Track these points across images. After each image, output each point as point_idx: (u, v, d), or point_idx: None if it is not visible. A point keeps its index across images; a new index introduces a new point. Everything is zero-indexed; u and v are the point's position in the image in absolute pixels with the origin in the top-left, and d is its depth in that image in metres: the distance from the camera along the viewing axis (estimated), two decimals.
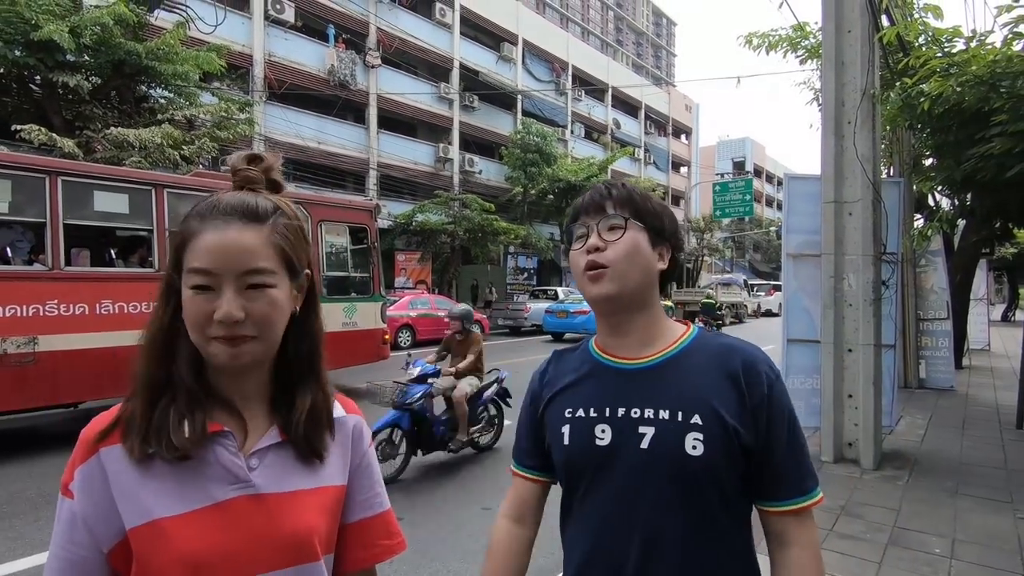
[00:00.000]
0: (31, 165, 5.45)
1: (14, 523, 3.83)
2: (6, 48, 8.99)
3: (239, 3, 16.98)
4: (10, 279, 5.25)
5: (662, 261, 0.98)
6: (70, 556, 0.70)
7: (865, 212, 4.66)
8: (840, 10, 4.71)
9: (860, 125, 4.61)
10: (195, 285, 0.70)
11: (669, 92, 39.74)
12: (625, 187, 0.99)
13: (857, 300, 4.73)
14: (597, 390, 0.96)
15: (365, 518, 0.86)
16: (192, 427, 0.71)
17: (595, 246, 0.93)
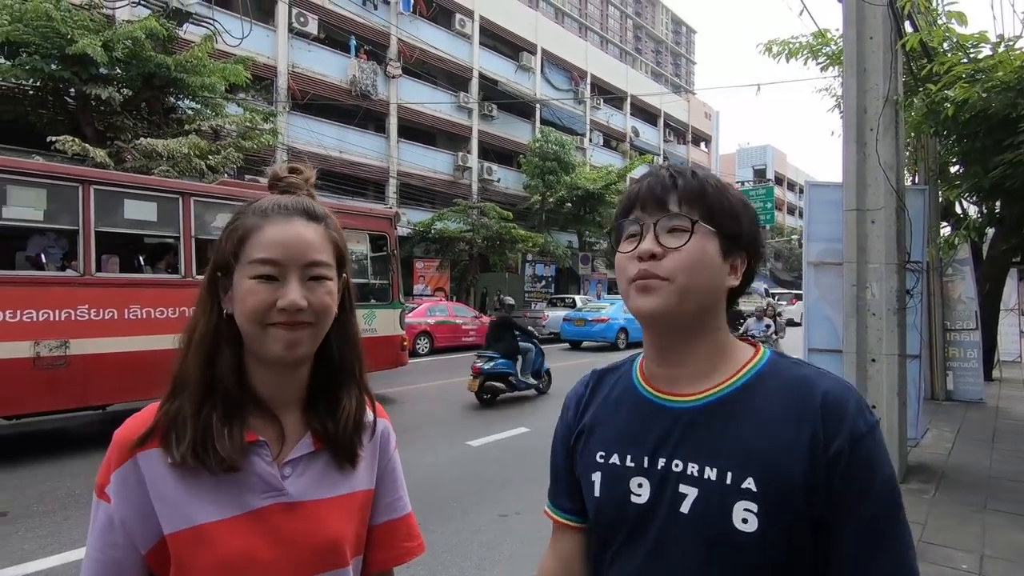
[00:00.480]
0: (65, 174, 5.64)
1: (44, 521, 3.94)
2: (43, 62, 9.34)
3: (264, 16, 17.39)
4: (44, 284, 5.43)
5: (734, 275, 0.77)
6: (108, 558, 0.71)
7: (888, 220, 4.59)
8: (862, 17, 4.67)
9: (883, 132, 4.56)
10: (260, 275, 0.73)
11: (688, 100, 39.56)
12: (696, 176, 0.77)
13: (880, 309, 4.66)
14: (636, 432, 0.79)
15: (390, 520, 0.88)
16: (233, 442, 0.73)
17: (650, 252, 0.74)
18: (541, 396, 8.69)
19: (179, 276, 6.23)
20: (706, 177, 0.78)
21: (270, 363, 0.77)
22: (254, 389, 0.78)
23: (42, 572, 3.26)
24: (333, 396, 0.83)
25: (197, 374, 0.75)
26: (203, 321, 0.76)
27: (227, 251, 0.75)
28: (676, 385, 0.78)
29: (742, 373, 0.76)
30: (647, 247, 0.74)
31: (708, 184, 0.77)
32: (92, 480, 0.77)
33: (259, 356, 0.76)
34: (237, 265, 0.75)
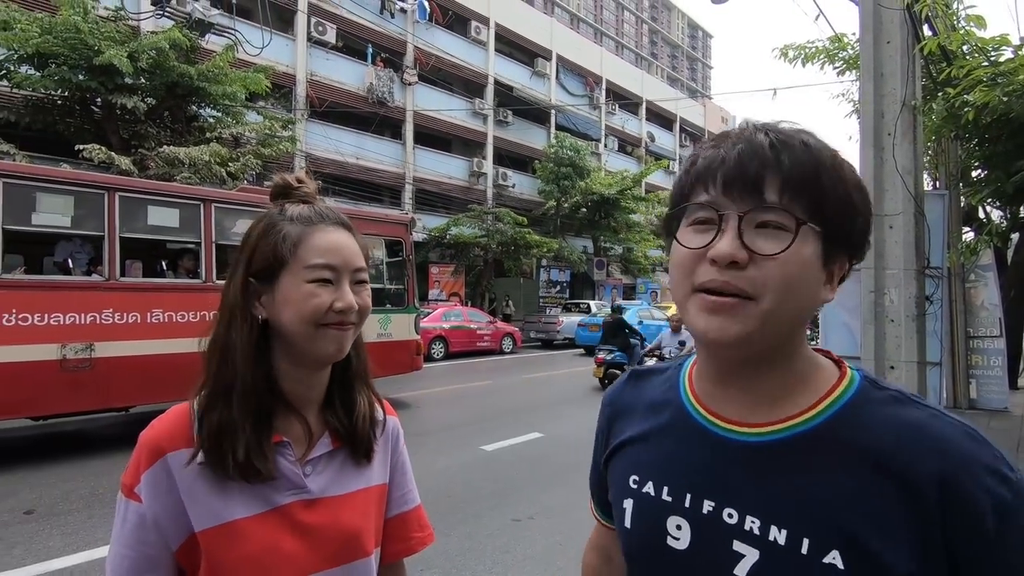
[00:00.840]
0: (92, 182, 5.80)
1: (69, 519, 4.04)
2: (71, 73, 9.61)
3: (284, 26, 17.70)
4: (71, 289, 5.58)
5: (831, 287, 0.59)
6: (139, 555, 0.74)
7: (907, 225, 4.54)
8: (878, 21, 4.64)
9: (900, 137, 4.52)
10: (319, 279, 0.77)
11: (704, 104, 39.37)
12: (808, 149, 0.56)
13: (899, 316, 4.60)
14: (677, 457, 0.65)
15: (401, 513, 0.92)
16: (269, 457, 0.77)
17: (730, 257, 0.54)
18: (555, 402, 8.69)
19: (200, 281, 6.36)
20: (821, 151, 0.56)
21: (312, 362, 0.81)
22: (282, 391, 0.81)
23: (67, 569, 3.34)
24: (348, 396, 0.87)
25: (245, 381, 0.77)
26: (243, 328, 0.78)
27: (275, 256, 0.78)
28: (737, 411, 0.62)
29: (826, 404, 0.58)
30: (727, 249, 0.54)
31: (824, 163, 0.55)
32: (114, 480, 0.80)
33: (307, 356, 0.79)
34: (286, 270, 0.78)
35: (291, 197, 0.85)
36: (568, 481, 4.93)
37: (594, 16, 64.57)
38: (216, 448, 0.75)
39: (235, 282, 0.80)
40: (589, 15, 63.36)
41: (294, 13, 17.98)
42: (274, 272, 0.78)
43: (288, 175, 0.88)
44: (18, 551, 3.54)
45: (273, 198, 0.86)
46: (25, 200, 5.35)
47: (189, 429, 0.77)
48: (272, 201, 0.86)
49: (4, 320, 5.07)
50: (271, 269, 0.78)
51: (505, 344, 16.40)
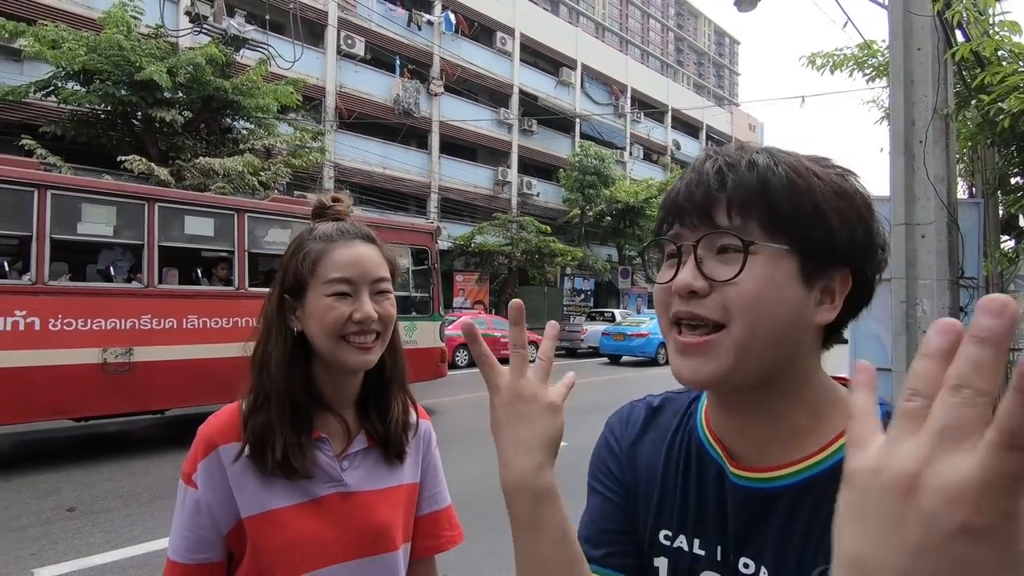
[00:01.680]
0: (133, 193, 6.05)
1: (109, 517, 4.19)
2: (114, 88, 10.04)
3: (315, 40, 18.16)
4: (112, 295, 5.81)
5: (829, 305, 0.55)
6: (195, 536, 0.82)
7: (939, 235, 4.45)
8: (908, 28, 4.58)
9: (932, 145, 4.44)
10: (336, 292, 0.84)
11: (732, 112, 38.95)
12: (755, 166, 0.54)
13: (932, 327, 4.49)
14: (704, 509, 0.61)
15: (433, 512, 0.98)
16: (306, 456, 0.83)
17: (688, 287, 0.53)
18: (580, 411, 8.65)
19: (233, 288, 6.55)
20: (771, 165, 0.53)
21: (340, 370, 0.87)
22: (319, 394, 0.88)
23: (107, 565, 3.48)
24: (383, 399, 0.93)
25: (280, 389, 0.84)
26: (279, 342, 0.86)
27: (300, 274, 0.85)
28: (755, 450, 0.58)
29: (840, 444, 0.53)
30: (684, 280, 0.54)
31: (774, 175, 0.53)
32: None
33: (334, 365, 0.86)
34: (311, 285, 0.85)
35: (326, 216, 0.93)
36: None
37: (619, 25, 64.55)
38: (258, 446, 0.82)
39: (272, 298, 0.88)
40: (614, 24, 63.39)
41: (325, 27, 18.45)
42: (302, 288, 0.85)
43: (325, 195, 0.95)
44: (61, 547, 3.70)
45: (313, 216, 0.94)
46: (71, 211, 5.61)
47: (239, 426, 0.85)
48: (312, 218, 0.94)
49: (50, 325, 5.31)
50: (299, 286, 0.86)
51: (529, 352, 16.38)
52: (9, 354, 5.08)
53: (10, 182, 5.28)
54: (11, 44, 11.40)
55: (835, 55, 6.12)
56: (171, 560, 0.83)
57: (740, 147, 0.57)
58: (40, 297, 5.29)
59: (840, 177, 0.56)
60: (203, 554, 0.82)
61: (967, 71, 5.29)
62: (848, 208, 0.54)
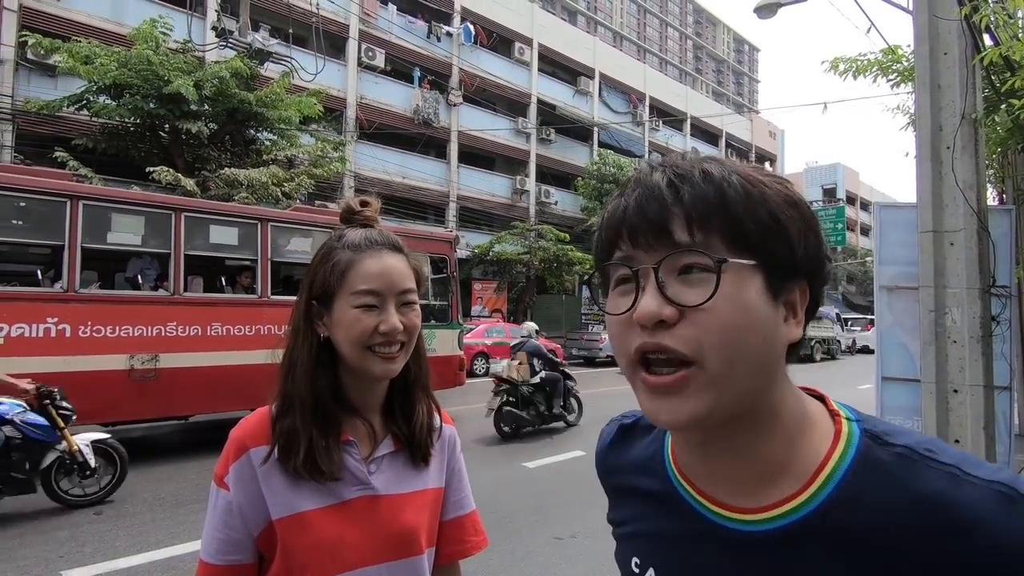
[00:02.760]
0: (160, 203, 6.20)
1: (134, 521, 4.27)
2: (143, 101, 10.33)
3: (336, 52, 18.48)
4: (140, 303, 5.95)
5: (794, 320, 0.51)
6: (227, 537, 0.83)
7: (968, 242, 4.35)
8: (934, 32, 4.51)
9: (960, 150, 4.35)
10: (363, 304, 0.85)
11: (752, 119, 38.62)
12: (709, 177, 0.49)
13: (962, 336, 4.38)
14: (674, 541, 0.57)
15: (457, 517, 0.98)
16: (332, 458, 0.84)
17: (654, 316, 0.47)
18: (598, 420, 8.60)
19: (256, 296, 6.65)
20: (725, 175, 0.49)
21: (365, 378, 0.88)
22: (347, 398, 0.89)
23: (131, 568, 3.53)
24: (407, 403, 0.94)
25: (303, 394, 0.86)
26: (305, 347, 0.88)
27: (328, 282, 0.87)
28: (724, 489, 0.53)
29: (820, 481, 0.49)
30: (649, 308, 0.47)
31: (730, 185, 0.49)
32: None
33: (359, 373, 0.87)
34: (338, 295, 0.86)
35: (354, 221, 0.94)
36: None
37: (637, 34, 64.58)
38: (285, 449, 0.84)
39: (300, 304, 0.90)
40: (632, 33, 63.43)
41: (346, 40, 18.77)
42: (330, 296, 0.86)
43: (354, 199, 0.95)
44: (88, 549, 3.77)
45: (342, 220, 0.95)
46: (101, 220, 5.76)
47: (269, 429, 0.86)
48: (341, 222, 0.95)
49: (80, 332, 5.45)
50: (327, 293, 0.87)
51: None
52: (41, 360, 5.22)
53: (44, 193, 5.45)
54: (46, 60, 11.82)
55: (858, 60, 6.04)
56: (203, 561, 0.84)
57: (684, 157, 0.53)
58: (71, 304, 5.44)
59: (782, 186, 0.52)
60: (234, 555, 0.83)
61: (996, 75, 5.18)
62: (799, 217, 0.50)
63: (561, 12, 48.39)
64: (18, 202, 5.39)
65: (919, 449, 0.48)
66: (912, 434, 0.50)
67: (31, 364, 5.15)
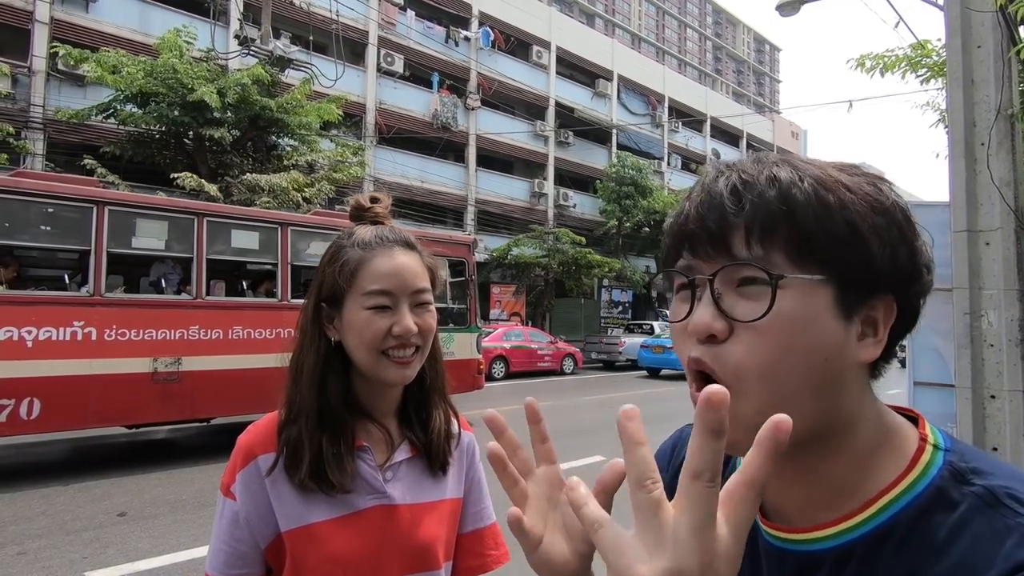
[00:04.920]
0: (184, 208, 6.29)
1: (156, 523, 4.30)
2: (168, 109, 10.54)
3: (355, 58, 18.68)
4: (163, 307, 6.03)
5: (871, 338, 0.46)
6: (233, 550, 0.79)
7: (1006, 242, 4.19)
8: (967, 25, 4.36)
9: (996, 147, 4.20)
10: (375, 305, 0.80)
11: (773, 120, 38.10)
12: (777, 182, 0.45)
13: (999, 340, 4.22)
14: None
15: (477, 529, 0.93)
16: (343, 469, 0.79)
17: (706, 329, 0.46)
18: (606, 427, 8.48)
19: (276, 300, 6.71)
20: (795, 180, 0.45)
21: (378, 384, 0.84)
22: (360, 403, 0.85)
23: (153, 570, 3.56)
24: (424, 409, 0.89)
25: (311, 401, 0.81)
26: (312, 351, 0.83)
27: (337, 283, 0.82)
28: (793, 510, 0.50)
29: (876, 508, 0.46)
30: (701, 320, 0.46)
31: (799, 192, 0.44)
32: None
33: (373, 380, 0.83)
34: (348, 296, 0.81)
35: (364, 219, 0.89)
36: None
37: (656, 35, 64.24)
38: (292, 458, 0.79)
39: (308, 306, 0.85)
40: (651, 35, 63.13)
41: (365, 46, 18.96)
42: (340, 297, 0.82)
43: (363, 196, 0.91)
44: (111, 551, 3.81)
45: (351, 219, 0.91)
46: (126, 225, 5.86)
47: (277, 435, 0.82)
48: (351, 220, 0.90)
49: (106, 335, 5.54)
50: (337, 294, 0.82)
51: (566, 365, 16.26)
52: (68, 363, 5.31)
53: (72, 199, 5.57)
54: (76, 70, 12.14)
55: (885, 57, 5.89)
56: (209, 575, 0.80)
57: (756, 159, 0.48)
58: (97, 308, 5.53)
59: (873, 187, 0.47)
60: (241, 569, 0.79)
61: None
62: (887, 225, 0.45)
63: (579, 15, 48.36)
64: (47, 208, 5.51)
65: (998, 492, 0.43)
66: (1003, 471, 0.45)
67: (57, 367, 5.25)
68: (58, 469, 5.84)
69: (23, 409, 5.10)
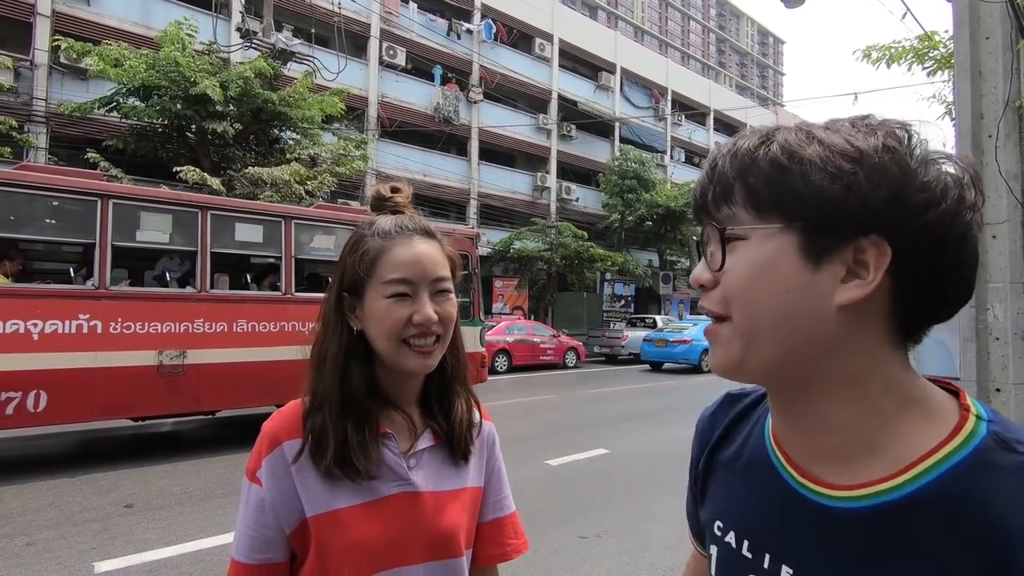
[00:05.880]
0: (188, 202, 6.29)
1: (163, 514, 4.33)
2: (170, 103, 10.52)
3: (358, 51, 18.61)
4: (168, 300, 6.05)
5: (855, 280, 0.47)
6: (258, 535, 0.80)
7: (1013, 234, 4.17)
8: (975, 16, 4.33)
9: (1004, 139, 4.17)
10: (396, 293, 0.81)
11: (776, 112, 37.91)
12: (739, 155, 0.51)
13: (1005, 333, 4.21)
14: (757, 507, 0.58)
15: (497, 518, 0.94)
16: (368, 456, 0.80)
17: (698, 280, 0.55)
18: (620, 418, 8.51)
19: (280, 293, 6.72)
20: (757, 146, 0.51)
21: (400, 374, 0.84)
22: (383, 391, 0.85)
23: (161, 561, 3.58)
24: (446, 398, 0.90)
25: (334, 390, 0.82)
26: (334, 340, 0.84)
27: (358, 272, 0.82)
28: (813, 460, 0.53)
29: (920, 469, 0.47)
30: (695, 275, 0.55)
31: (756, 157, 0.50)
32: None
33: (394, 369, 0.83)
34: (369, 285, 0.82)
35: (384, 208, 0.90)
36: (635, 499, 4.80)
37: (659, 28, 63.88)
38: (317, 448, 0.80)
39: (331, 296, 0.85)
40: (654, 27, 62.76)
41: (367, 39, 18.89)
42: (361, 287, 0.82)
43: (383, 185, 0.91)
44: (119, 541, 3.84)
45: (372, 209, 0.91)
46: (131, 219, 5.87)
47: (302, 422, 0.82)
48: (372, 210, 0.91)
49: (111, 328, 5.56)
50: (358, 284, 0.82)
51: (568, 358, 16.29)
52: (74, 356, 5.34)
53: (76, 193, 5.57)
54: (78, 64, 12.13)
55: (892, 48, 5.84)
56: (234, 560, 0.81)
57: (752, 132, 0.54)
58: (102, 301, 5.55)
59: (863, 134, 0.48)
60: (266, 554, 0.80)
61: None
62: (860, 169, 0.46)
63: (581, 8, 48.05)
64: (51, 202, 5.52)
65: None
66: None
67: (63, 360, 5.28)
68: (65, 461, 5.89)
69: (30, 402, 5.13)
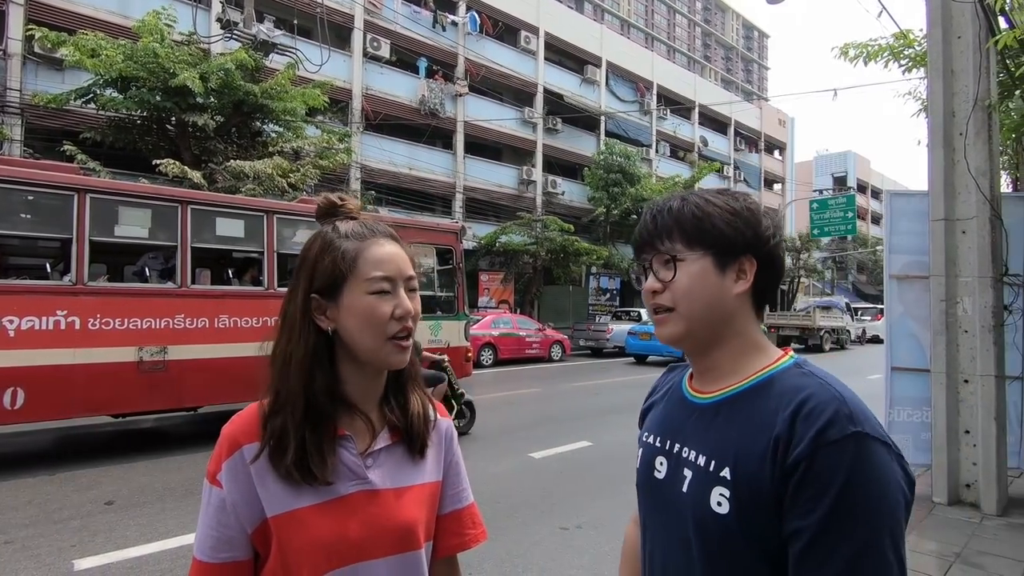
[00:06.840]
0: (168, 196, 6.22)
1: (144, 511, 4.32)
2: (149, 94, 10.33)
3: (341, 43, 18.42)
4: (148, 295, 5.98)
5: (742, 280, 0.82)
6: (220, 535, 0.82)
7: (981, 230, 4.28)
8: (947, 16, 4.41)
9: (973, 137, 4.27)
10: (379, 290, 0.84)
11: (761, 107, 38.18)
12: (670, 211, 0.85)
13: (973, 326, 4.33)
14: (667, 418, 0.92)
15: (455, 510, 0.97)
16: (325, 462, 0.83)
17: (651, 289, 0.85)
18: (604, 411, 8.60)
19: (262, 288, 6.68)
20: (682, 207, 0.85)
21: (375, 369, 0.88)
22: (345, 393, 0.88)
23: (142, 557, 3.57)
24: (402, 395, 0.94)
25: (298, 393, 0.84)
26: (301, 343, 0.85)
27: (338, 271, 0.84)
28: (703, 383, 0.88)
29: (754, 376, 0.83)
30: (648, 285, 0.86)
31: (685, 212, 0.84)
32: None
33: (372, 365, 0.87)
34: (348, 284, 0.84)
35: (337, 215, 0.92)
36: (617, 491, 4.87)
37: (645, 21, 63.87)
38: (276, 450, 0.82)
39: (296, 298, 0.86)
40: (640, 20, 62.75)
41: (351, 31, 18.69)
42: (337, 286, 0.84)
43: (332, 195, 0.94)
44: (100, 539, 3.82)
45: (319, 217, 0.92)
46: (109, 213, 5.79)
47: (261, 425, 0.85)
48: (319, 219, 0.92)
49: (90, 324, 5.49)
50: (334, 284, 0.84)
51: (554, 352, 16.37)
52: (52, 352, 5.27)
53: (52, 187, 5.48)
54: (53, 54, 11.87)
55: (869, 46, 5.93)
56: (196, 559, 0.83)
57: (673, 197, 0.88)
58: (80, 297, 5.48)
59: (733, 200, 0.86)
60: (228, 552, 0.82)
61: (1011, 59, 5.07)
62: (741, 220, 0.84)
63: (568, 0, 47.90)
64: (27, 196, 5.42)
65: (819, 372, 0.80)
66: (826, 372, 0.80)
67: (41, 356, 5.21)
68: (44, 458, 5.82)
69: (6, 399, 5.07)
